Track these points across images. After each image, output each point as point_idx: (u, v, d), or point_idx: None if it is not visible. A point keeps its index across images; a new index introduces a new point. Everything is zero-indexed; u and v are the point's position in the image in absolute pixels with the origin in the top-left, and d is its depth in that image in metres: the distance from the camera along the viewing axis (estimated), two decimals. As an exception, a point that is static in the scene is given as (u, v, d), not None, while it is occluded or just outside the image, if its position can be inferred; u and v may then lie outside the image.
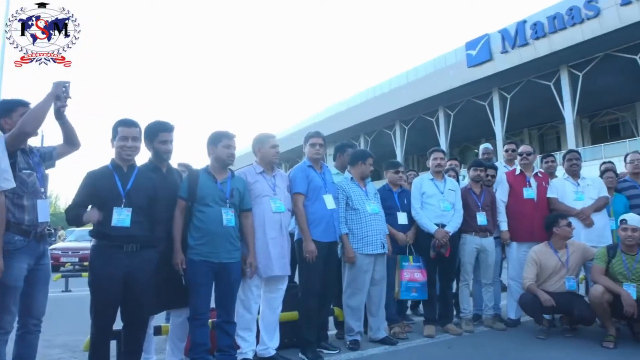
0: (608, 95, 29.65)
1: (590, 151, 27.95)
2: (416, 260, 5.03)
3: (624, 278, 4.63)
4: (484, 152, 6.71)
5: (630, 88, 27.44)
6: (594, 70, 26.18)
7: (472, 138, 36.43)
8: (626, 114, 32.92)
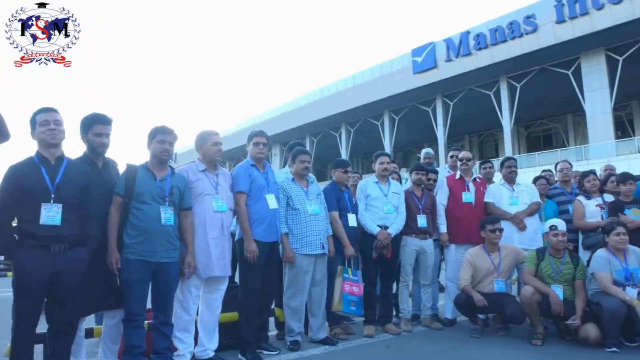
0: (542, 106, 31.33)
1: (525, 159, 29.36)
2: (354, 274, 4.96)
3: (552, 279, 4.88)
4: (425, 156, 6.88)
5: (563, 101, 29.11)
6: (531, 82, 27.64)
7: (416, 142, 37.42)
8: (558, 125, 34.91)
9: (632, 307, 4.39)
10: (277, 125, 40.04)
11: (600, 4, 23.39)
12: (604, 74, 25.20)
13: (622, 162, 18.12)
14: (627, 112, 30.98)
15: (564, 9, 24.58)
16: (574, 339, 4.75)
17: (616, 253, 4.72)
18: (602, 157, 21.93)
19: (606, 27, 23.33)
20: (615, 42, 24.43)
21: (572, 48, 25.10)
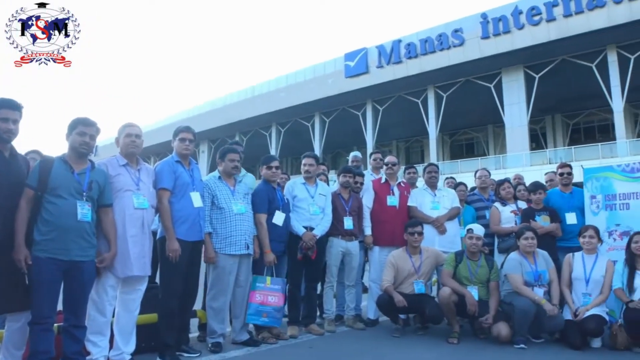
0: (466, 116, 32.96)
1: (448, 165, 30.72)
2: (275, 283, 4.85)
3: (468, 281, 5.12)
4: (353, 159, 6.99)
5: (485, 112, 30.74)
6: (456, 92, 29.01)
7: (345, 145, 37.98)
8: (480, 134, 36.86)
9: (540, 305, 4.72)
10: (206, 122, 39.19)
11: (521, 24, 25.13)
12: (522, 89, 27.01)
13: (536, 172, 19.37)
14: (541, 126, 33.35)
15: (489, 26, 26.14)
16: (487, 337, 5.01)
17: (527, 256, 5.04)
18: (518, 167, 23.48)
19: (525, 46, 25.09)
20: (533, 61, 26.29)
21: (494, 63, 26.71)
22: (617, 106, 24.75)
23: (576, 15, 23.75)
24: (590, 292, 4.88)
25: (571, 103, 30.65)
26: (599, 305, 4.79)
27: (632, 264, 4.80)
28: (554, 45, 24.60)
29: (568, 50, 24.95)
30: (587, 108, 31.30)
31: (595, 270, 4.91)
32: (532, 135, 30.16)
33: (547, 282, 5.00)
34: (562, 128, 33.71)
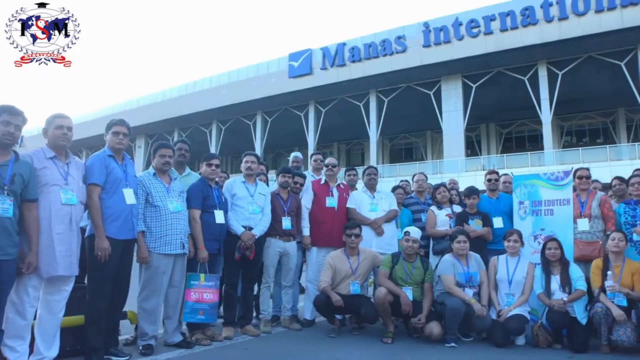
0: (406, 121, 33.79)
1: (388, 168, 31.42)
2: (209, 279, 4.77)
3: (403, 282, 5.24)
4: (293, 160, 6.98)
5: (424, 118, 31.67)
6: (398, 98, 29.70)
7: (287, 145, 37.91)
8: (419, 139, 37.96)
9: (470, 305, 4.91)
10: (144, 116, 37.87)
11: (460, 35, 26.18)
12: (460, 97, 28.10)
13: (470, 178, 20.24)
14: (476, 134, 34.81)
15: (430, 35, 27.03)
16: (421, 336, 5.15)
17: (460, 258, 5.23)
18: (454, 172, 24.36)
19: (464, 56, 26.11)
20: (471, 71, 27.41)
21: (434, 71, 27.63)
22: (545, 118, 26.28)
23: (511, 31, 25.05)
24: (513, 292, 5.12)
25: (505, 113, 32.24)
26: (521, 305, 5.04)
27: (548, 269, 5.07)
28: (490, 58, 25.81)
29: (503, 63, 26.23)
30: (519, 118, 33.03)
31: (517, 272, 5.16)
32: (468, 142, 31.44)
33: (478, 283, 5.20)
34: (496, 136, 35.38)
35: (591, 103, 30.34)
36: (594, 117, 33.08)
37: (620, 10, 22.84)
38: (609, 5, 22.95)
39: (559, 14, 23.96)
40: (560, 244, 5.07)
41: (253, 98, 33.41)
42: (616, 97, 27.82)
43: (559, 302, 4.81)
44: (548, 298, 4.96)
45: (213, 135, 38.44)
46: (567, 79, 25.22)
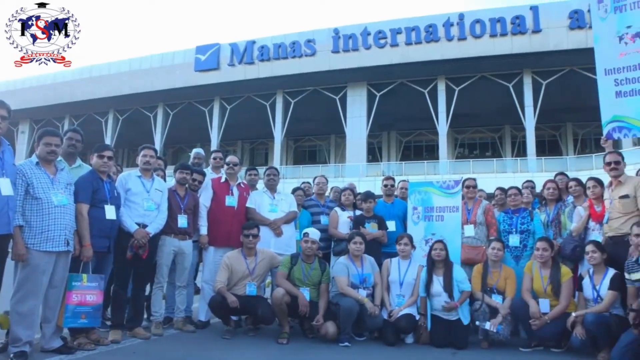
0: (311, 124, 34.24)
1: (291, 170, 31.62)
2: (92, 280, 4.43)
3: (301, 283, 5.28)
4: (195, 156, 6.76)
5: (329, 122, 32.30)
6: (304, 100, 30.02)
7: (189, 141, 36.75)
8: (323, 143, 38.65)
9: (363, 305, 5.06)
10: (30, 98, 34.51)
11: (368, 44, 27.16)
12: (364, 104, 29.08)
13: (370, 183, 20.99)
14: (378, 141, 36.23)
15: (340, 41, 27.72)
16: (316, 336, 5.21)
17: (354, 260, 5.38)
18: (355, 176, 25.13)
19: (370, 65, 27.05)
20: (376, 80, 28.51)
21: (342, 77, 28.33)
22: (442, 130, 28.06)
23: (415, 45, 26.49)
24: (403, 293, 5.36)
25: (405, 123, 33.94)
26: (410, 305, 5.29)
27: (432, 269, 5.37)
28: (395, 69, 27.03)
29: (406, 74, 27.61)
30: (418, 129, 34.95)
31: (408, 274, 5.42)
32: (370, 148, 32.63)
33: (372, 284, 5.37)
34: (396, 144, 37.12)
35: (482, 119, 33.00)
36: (484, 132, 35.99)
37: (510, 37, 25.14)
38: (501, 31, 25.21)
39: (459, 34, 25.81)
40: (446, 246, 5.38)
41: (155, 89, 31.95)
42: (504, 115, 30.42)
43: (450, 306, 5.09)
44: (428, 297, 5.25)
45: (109, 126, 36.16)
46: (462, 95, 27.17)
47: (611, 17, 5.81)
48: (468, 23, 25.72)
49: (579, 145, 34.06)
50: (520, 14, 25.16)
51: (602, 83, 5.86)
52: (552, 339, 4.88)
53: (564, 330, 4.71)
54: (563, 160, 29.05)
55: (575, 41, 23.03)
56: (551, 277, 4.97)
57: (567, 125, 33.98)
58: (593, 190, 5.34)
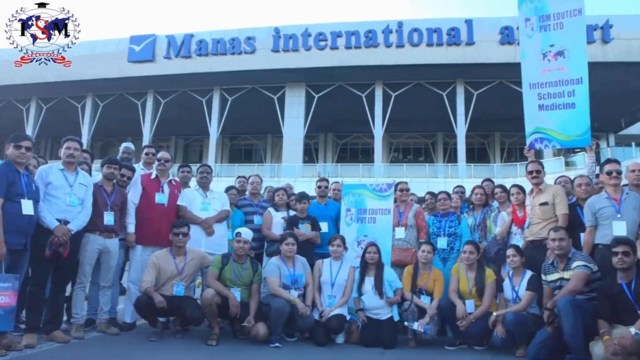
0: (249, 123, 33.88)
1: (226, 168, 31.13)
2: (4, 280, 4.15)
3: (232, 283, 5.19)
4: (124, 151, 6.46)
5: (266, 121, 32.09)
6: (242, 98, 29.65)
7: (119, 134, 35.00)
8: (259, 142, 38.39)
9: (294, 306, 5.07)
10: None
11: (308, 45, 27.28)
12: (302, 105, 29.15)
13: (306, 183, 21.00)
14: (315, 142, 36.45)
15: (280, 40, 27.64)
16: (246, 337, 5.14)
17: (286, 260, 5.37)
18: (291, 177, 25.09)
19: (310, 66, 27.16)
20: (315, 81, 28.65)
21: (281, 76, 28.25)
22: (377, 134, 28.66)
23: (355, 49, 26.90)
24: (334, 294, 5.40)
25: (342, 125, 34.36)
26: (341, 306, 5.34)
27: (364, 271, 5.47)
28: (334, 71, 27.30)
29: (345, 78, 27.95)
30: (354, 132, 35.51)
31: (340, 275, 5.47)
32: (307, 149, 32.75)
33: (303, 285, 5.38)
34: (332, 146, 37.51)
35: (417, 125, 34.06)
36: (418, 138, 37.19)
37: (446, 48, 26.15)
38: (437, 41, 26.17)
39: (397, 41, 26.49)
40: (379, 249, 5.50)
41: (84, 78, 30.13)
42: (437, 122, 31.52)
43: (393, 300, 5.24)
44: (360, 297, 5.37)
45: (31, 114, 33.78)
46: (398, 101, 27.90)
47: (537, 35, 6.20)
48: (406, 31, 26.46)
49: (505, 154, 36.04)
50: (455, 26, 26.20)
51: (526, 96, 6.24)
52: (475, 337, 5.09)
53: (486, 328, 4.93)
54: (490, 167, 30.59)
55: (505, 55, 24.23)
56: (476, 279, 5.19)
57: (495, 134, 35.85)
58: (516, 196, 5.67)
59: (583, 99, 5.87)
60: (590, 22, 23.85)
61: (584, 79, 5.89)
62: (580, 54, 6.02)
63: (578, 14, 6.01)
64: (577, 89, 5.90)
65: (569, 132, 5.96)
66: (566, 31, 6.03)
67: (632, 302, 4.04)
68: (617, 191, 4.83)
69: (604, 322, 4.10)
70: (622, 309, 4.08)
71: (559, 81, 5.98)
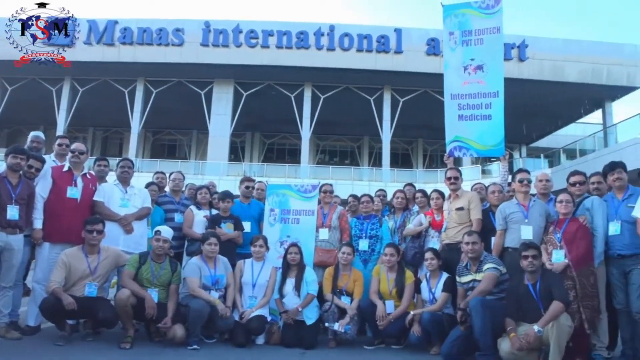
0: (173, 117, 32.81)
1: (147, 163, 29.96)
2: None
3: (149, 283, 4.99)
4: (33, 140, 5.97)
5: (192, 116, 31.24)
6: (167, 91, 28.60)
7: (30, 123, 32.52)
8: (184, 137, 37.30)
9: (214, 307, 4.97)
10: None
11: (239, 42, 26.82)
12: (230, 102, 28.65)
13: (231, 182, 20.64)
14: (241, 140, 36.01)
15: (210, 35, 26.93)
16: (162, 340, 4.97)
17: (208, 261, 5.25)
18: (216, 175, 24.62)
19: (239, 63, 26.72)
20: (244, 79, 28.27)
21: (209, 71, 27.53)
22: (305, 135, 28.78)
23: (286, 49, 26.79)
24: (256, 295, 5.37)
25: (270, 125, 34.19)
26: (262, 307, 5.31)
27: (286, 271, 5.48)
28: (264, 70, 27.06)
29: (275, 77, 27.80)
30: (282, 132, 35.47)
31: (261, 275, 5.44)
32: (233, 147, 32.25)
33: (224, 286, 5.28)
34: (259, 145, 37.25)
35: (344, 128, 34.62)
36: (344, 141, 37.84)
37: (375, 54, 26.75)
38: (367, 47, 26.71)
39: (328, 44, 26.73)
40: (301, 250, 5.52)
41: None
42: (364, 127, 32.20)
43: (294, 312, 5.23)
44: (282, 298, 5.36)
45: None
46: (327, 103, 28.19)
47: (459, 49, 6.53)
48: (338, 35, 26.77)
49: (427, 160, 37.61)
50: (385, 34, 26.85)
51: (448, 106, 6.54)
52: (394, 336, 5.26)
53: (404, 328, 5.10)
54: (413, 172, 31.72)
55: (430, 66, 25.13)
56: (397, 280, 5.36)
57: (418, 141, 37.28)
58: (436, 201, 5.92)
59: (499, 112, 6.24)
60: (509, 40, 25.58)
61: (500, 93, 6.26)
62: (497, 69, 6.41)
63: (497, 32, 6.39)
64: (494, 102, 6.27)
65: (485, 142, 6.31)
66: (486, 47, 6.39)
67: (537, 302, 4.40)
68: (526, 198, 5.17)
69: (510, 321, 4.42)
70: (528, 308, 4.44)
71: (478, 93, 6.32)
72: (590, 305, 4.54)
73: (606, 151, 19.28)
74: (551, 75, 26.49)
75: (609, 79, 26.82)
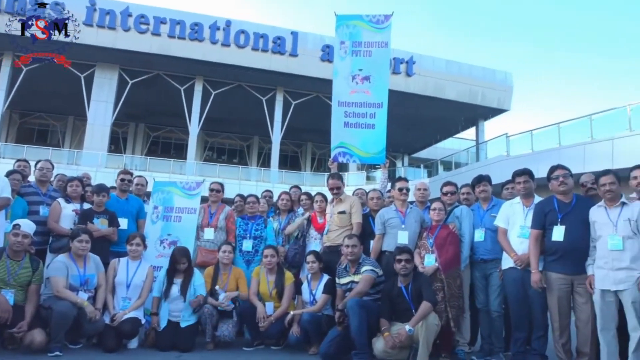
0: (46, 99, 29.97)
1: (12, 149, 27.09)
2: None
3: (4, 284, 4.51)
4: None
5: (69, 101, 28.78)
6: (39, 70, 25.66)
7: None
8: (58, 123, 34.22)
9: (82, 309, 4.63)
10: None
11: (128, 26, 25.14)
12: (114, 90, 26.76)
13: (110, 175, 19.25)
14: (124, 131, 33.92)
15: (95, 14, 24.84)
16: (18, 347, 4.53)
17: (77, 259, 4.87)
18: (93, 166, 22.91)
19: (127, 49, 25.04)
20: (131, 66, 26.56)
21: (91, 54, 25.24)
22: (193, 130, 27.83)
23: (179, 40, 25.62)
24: (130, 296, 5.10)
25: (156, 117, 32.64)
26: (137, 308, 5.06)
27: (172, 274, 5.28)
28: (153, 58, 25.68)
29: (165, 67, 26.54)
30: (169, 125, 34.03)
31: (137, 275, 5.19)
32: (114, 137, 30.32)
33: (95, 286, 4.95)
34: (143, 138, 35.38)
35: (234, 126, 34.17)
36: (234, 139, 37.35)
37: (270, 55, 26.70)
38: (263, 47, 26.55)
39: (223, 39, 26.10)
40: (189, 253, 5.37)
41: None
42: (254, 126, 32.06)
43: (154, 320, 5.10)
44: (164, 300, 5.16)
45: None
46: (218, 100, 27.58)
47: (349, 58, 6.77)
48: (234, 31, 26.26)
49: (315, 163, 38.38)
50: (282, 35, 26.93)
51: (335, 113, 6.75)
52: (273, 337, 5.30)
53: (284, 329, 5.17)
54: (301, 175, 32.24)
55: (323, 71, 25.59)
56: (276, 282, 5.40)
57: (308, 144, 37.95)
58: (319, 204, 6.06)
59: (382, 122, 6.57)
60: (399, 55, 27.14)
61: (384, 104, 6.60)
62: (383, 81, 6.74)
63: (385, 47, 6.73)
64: (378, 112, 6.59)
65: (367, 149, 6.61)
66: (374, 59, 6.70)
67: (409, 303, 4.73)
68: (404, 205, 5.48)
69: (385, 321, 4.72)
70: (401, 308, 4.77)
71: (364, 103, 6.61)
72: (456, 305, 4.93)
73: (477, 165, 21.24)
74: (434, 91, 28.53)
75: (483, 100, 29.58)
